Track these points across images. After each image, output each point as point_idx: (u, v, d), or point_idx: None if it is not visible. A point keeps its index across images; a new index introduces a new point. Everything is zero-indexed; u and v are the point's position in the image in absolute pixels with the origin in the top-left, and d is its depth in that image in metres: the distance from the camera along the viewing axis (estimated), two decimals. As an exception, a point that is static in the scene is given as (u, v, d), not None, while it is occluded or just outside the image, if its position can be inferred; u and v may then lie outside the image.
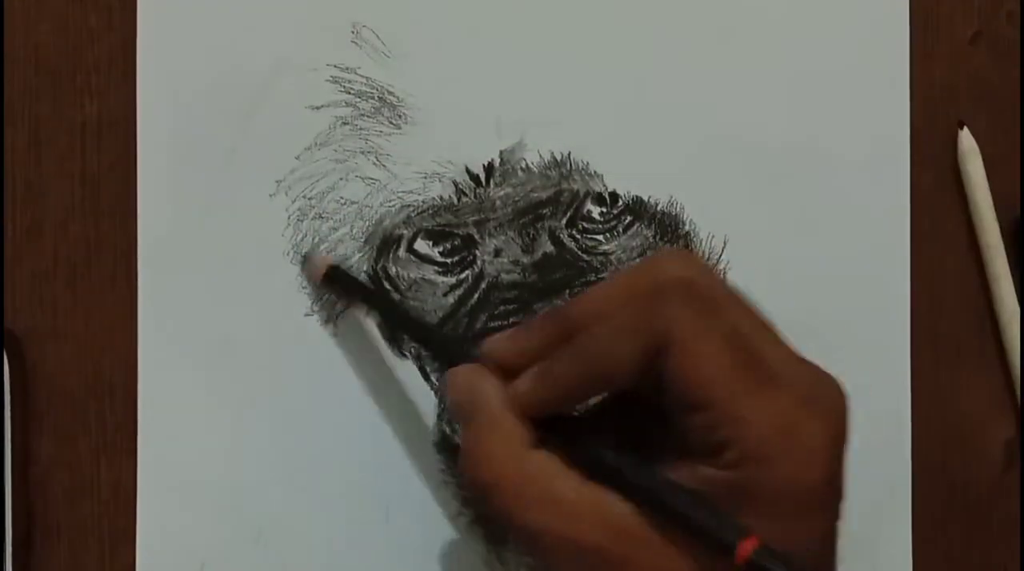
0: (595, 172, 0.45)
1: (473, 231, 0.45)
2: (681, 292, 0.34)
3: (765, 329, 0.35)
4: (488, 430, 0.36)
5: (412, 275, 0.45)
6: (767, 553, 0.31)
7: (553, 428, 0.36)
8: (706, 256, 0.45)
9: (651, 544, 0.33)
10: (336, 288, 0.44)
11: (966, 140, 0.45)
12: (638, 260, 0.45)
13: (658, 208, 0.45)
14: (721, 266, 0.45)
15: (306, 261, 0.45)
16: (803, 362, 0.35)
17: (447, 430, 0.45)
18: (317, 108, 0.45)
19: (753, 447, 0.33)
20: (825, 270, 0.45)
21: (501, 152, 0.45)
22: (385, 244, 0.45)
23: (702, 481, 0.33)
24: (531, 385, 0.36)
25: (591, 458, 0.35)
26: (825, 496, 0.34)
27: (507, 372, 0.37)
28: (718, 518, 0.33)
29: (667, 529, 0.33)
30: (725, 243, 0.45)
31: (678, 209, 0.45)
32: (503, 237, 0.45)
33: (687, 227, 0.45)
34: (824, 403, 0.34)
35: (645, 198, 0.45)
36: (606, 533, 0.33)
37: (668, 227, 0.45)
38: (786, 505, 0.33)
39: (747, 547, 0.32)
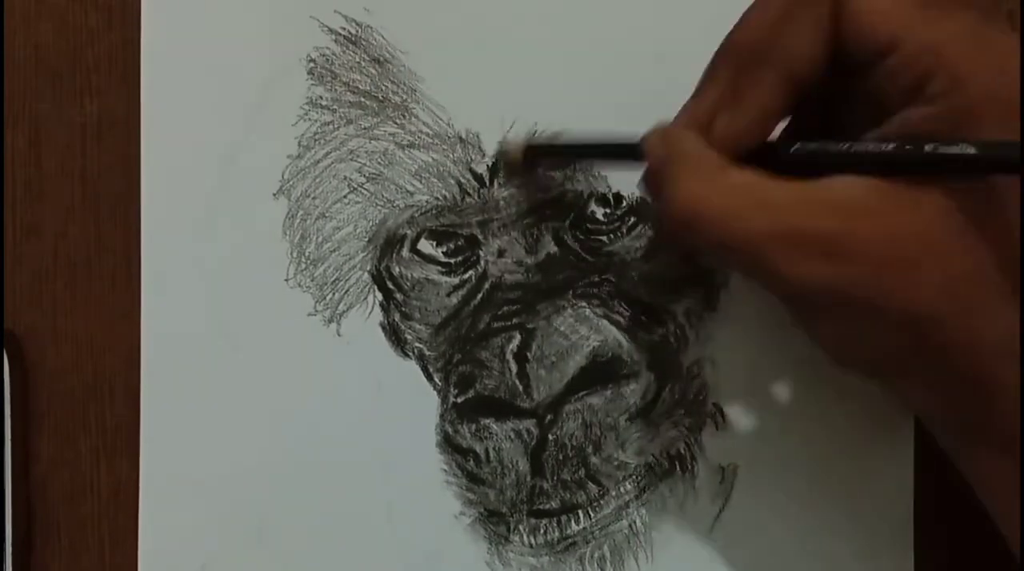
0: (599, 173, 0.45)
1: (477, 231, 0.45)
2: None
3: None
4: (683, 160, 0.35)
5: (415, 275, 0.45)
6: None
7: (756, 161, 0.35)
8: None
9: (881, 212, 0.32)
10: (543, 163, 0.44)
11: None
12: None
13: (662, 209, 0.45)
14: (724, 267, 0.45)
15: (502, 153, 0.44)
16: None
17: (449, 430, 0.45)
18: (320, 107, 0.45)
19: (953, 65, 0.32)
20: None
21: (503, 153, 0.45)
22: (388, 244, 0.45)
23: (915, 125, 0.32)
24: (728, 122, 0.35)
25: (800, 157, 0.34)
26: None
27: (704, 130, 0.36)
28: (981, 145, 0.31)
29: (894, 190, 0.32)
30: (728, 244, 0.45)
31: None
32: (507, 237, 0.45)
33: (691, 228, 0.45)
34: (999, 13, 0.34)
35: (649, 199, 0.45)
36: (830, 216, 0.32)
37: (671, 228, 0.45)
38: (1000, 113, 0.32)
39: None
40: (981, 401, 0.33)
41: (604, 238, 0.45)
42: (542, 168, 0.44)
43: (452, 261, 0.45)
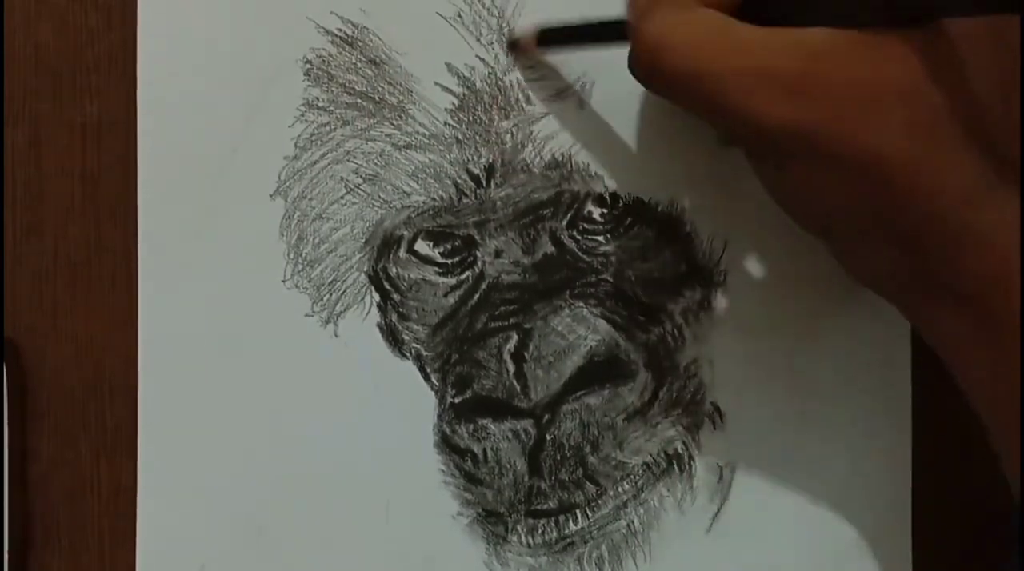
0: (596, 173, 0.45)
1: (473, 232, 0.45)
2: None
3: None
4: (662, 2, 0.35)
5: (412, 276, 0.45)
6: None
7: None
8: (706, 257, 0.45)
9: (849, 58, 0.32)
10: (555, 47, 0.44)
11: None
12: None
13: (659, 209, 0.45)
14: (721, 267, 0.45)
15: (514, 45, 0.44)
16: None
17: (447, 430, 0.45)
18: (317, 108, 0.45)
19: None
20: (825, 270, 0.45)
21: (502, 152, 0.45)
22: (385, 245, 0.45)
23: None
24: None
25: (772, 7, 0.34)
26: None
27: None
28: None
29: (860, 38, 0.32)
30: (725, 244, 0.45)
31: (678, 210, 0.45)
32: (504, 238, 0.45)
33: (688, 228, 0.45)
34: None
35: (646, 199, 0.45)
36: (796, 57, 0.32)
37: (668, 228, 0.45)
38: None
39: None
40: (941, 250, 0.33)
41: (601, 238, 0.45)
42: (553, 53, 0.44)
43: (449, 262, 0.45)
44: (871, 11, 0.32)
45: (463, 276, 0.45)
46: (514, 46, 0.45)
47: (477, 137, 0.44)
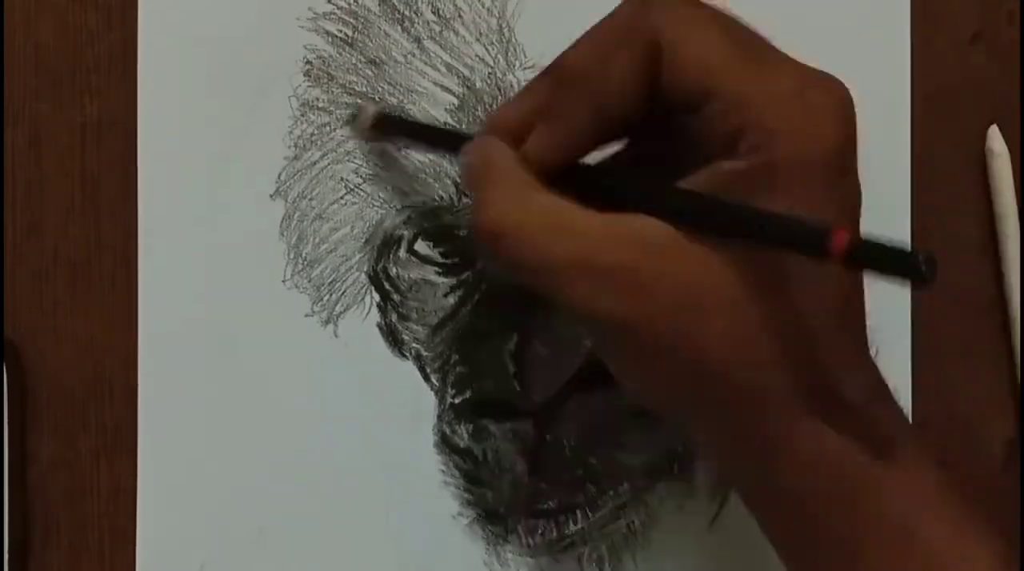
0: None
1: (473, 232, 0.45)
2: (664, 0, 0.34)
3: (752, 29, 0.34)
4: (494, 177, 0.35)
5: (413, 276, 0.45)
6: (866, 242, 0.29)
7: (566, 184, 0.35)
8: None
9: (677, 254, 0.32)
10: (387, 135, 0.44)
11: (996, 142, 0.45)
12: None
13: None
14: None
15: (354, 118, 0.45)
16: (791, 57, 0.34)
17: (447, 430, 0.45)
18: (317, 108, 0.45)
19: (766, 123, 0.32)
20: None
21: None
22: (385, 245, 0.45)
23: (722, 178, 0.32)
24: (539, 138, 0.35)
25: (609, 188, 0.34)
26: (841, 162, 0.33)
27: (517, 141, 0.36)
28: (785, 220, 0.31)
29: (690, 240, 0.32)
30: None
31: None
32: (503, 238, 0.45)
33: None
34: (827, 81, 0.34)
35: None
36: (627, 249, 0.32)
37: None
38: (803, 177, 0.32)
39: (841, 238, 0.29)
40: (760, 458, 0.33)
41: (600, 238, 0.45)
42: (387, 140, 0.44)
43: (449, 262, 0.45)
44: (698, 211, 0.32)
45: (463, 276, 0.45)
46: (351, 122, 0.45)
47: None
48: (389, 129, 0.44)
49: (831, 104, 0.33)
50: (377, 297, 0.45)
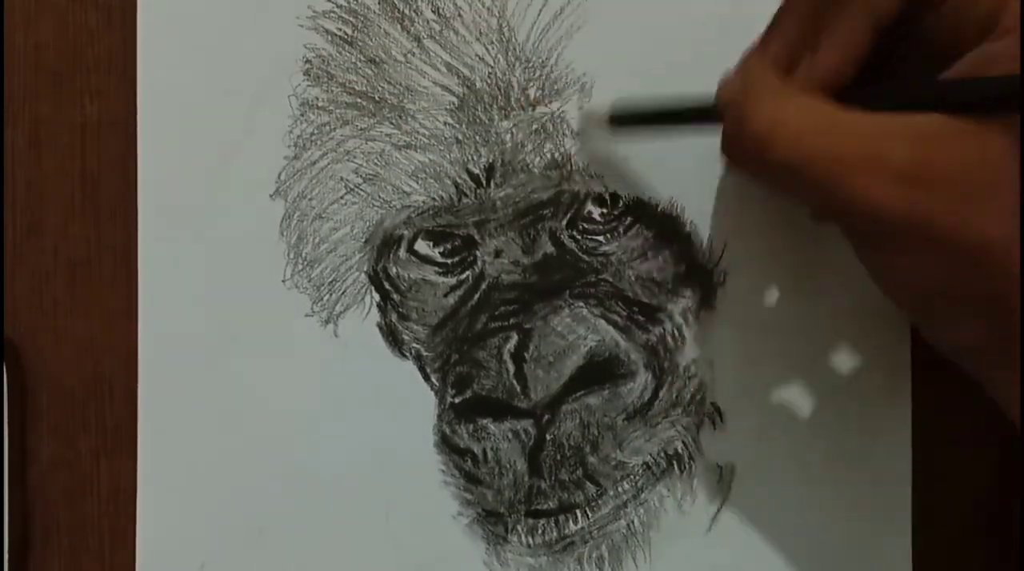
0: (595, 173, 0.45)
1: (473, 232, 0.45)
2: None
3: None
4: (759, 88, 0.35)
5: (412, 276, 0.45)
6: None
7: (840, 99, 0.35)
8: (706, 257, 0.45)
9: (956, 141, 0.32)
10: (628, 127, 0.43)
11: None
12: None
13: (658, 209, 0.45)
14: (721, 267, 0.45)
15: (586, 119, 0.44)
16: None
17: (447, 430, 0.45)
18: (317, 108, 0.45)
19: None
20: (824, 270, 0.45)
21: (502, 152, 0.45)
22: (385, 244, 0.45)
23: (986, 63, 0.32)
24: (810, 65, 0.35)
25: (875, 95, 0.34)
26: None
27: (783, 71, 0.36)
28: None
29: (967, 125, 0.32)
30: (725, 244, 0.45)
31: (678, 210, 0.45)
32: (503, 238, 0.45)
33: (687, 228, 0.45)
34: None
35: (645, 199, 0.45)
36: (906, 143, 0.32)
37: (668, 228, 0.45)
38: None
39: None
40: None
41: (601, 238, 0.45)
42: (624, 135, 0.44)
43: (449, 261, 0.45)
44: (973, 99, 0.32)
45: (463, 276, 0.45)
46: (585, 124, 0.44)
47: (477, 137, 0.44)
48: (628, 120, 0.43)
49: None
50: (377, 297, 0.45)
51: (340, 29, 0.45)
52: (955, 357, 0.38)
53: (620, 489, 0.45)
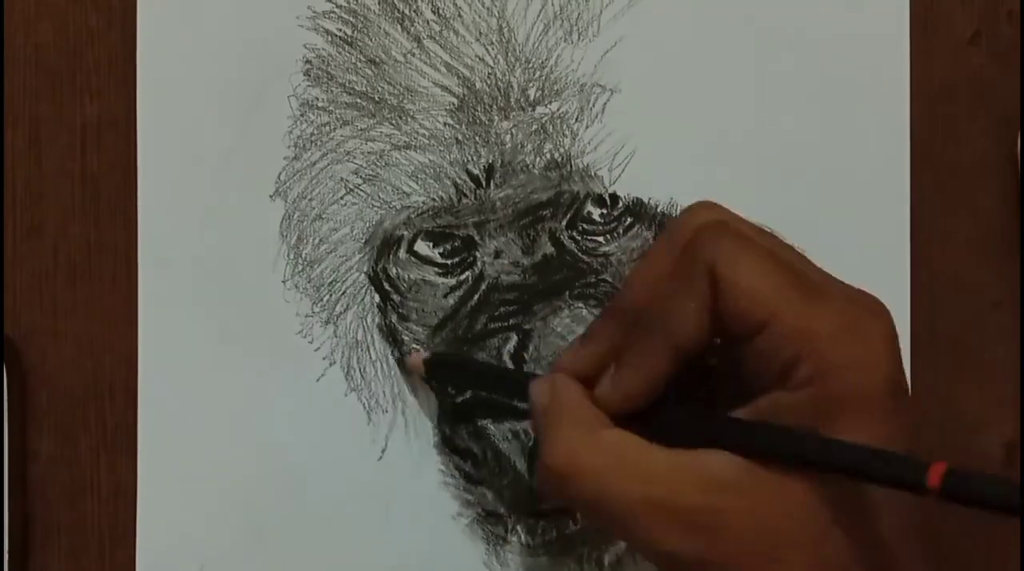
0: (595, 173, 0.45)
1: (473, 232, 0.45)
2: (716, 229, 0.34)
3: (797, 253, 0.35)
4: (565, 414, 0.35)
5: (412, 276, 0.45)
6: (962, 474, 0.29)
7: (630, 418, 0.35)
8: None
9: (751, 490, 0.32)
10: (441, 378, 0.45)
11: None
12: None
13: (658, 210, 0.45)
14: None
15: (403, 363, 0.45)
16: (837, 279, 0.35)
17: (447, 430, 0.45)
18: (317, 108, 0.45)
19: (820, 354, 0.32)
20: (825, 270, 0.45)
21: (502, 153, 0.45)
22: (385, 245, 0.45)
23: (782, 408, 0.32)
24: (617, 383, 0.35)
25: (676, 423, 0.34)
26: (897, 390, 0.32)
27: (586, 384, 0.36)
28: (878, 454, 0.30)
29: (765, 474, 0.32)
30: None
31: (678, 210, 0.45)
32: (503, 238, 0.45)
33: (687, 228, 0.45)
34: (871, 304, 0.33)
35: (645, 200, 0.45)
36: (699, 488, 0.32)
37: (668, 228, 0.45)
38: (866, 408, 0.32)
39: (937, 471, 0.29)
40: None
41: (600, 239, 0.45)
42: (443, 382, 0.45)
43: (449, 262, 0.45)
44: (777, 445, 0.32)
45: (463, 277, 0.45)
46: (401, 365, 0.45)
47: (477, 137, 0.44)
48: (442, 373, 0.44)
49: (881, 332, 0.33)
50: (377, 297, 0.45)
51: (340, 29, 0.45)
52: None
53: (620, 489, 0.45)
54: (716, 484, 0.32)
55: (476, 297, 0.45)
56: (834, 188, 0.46)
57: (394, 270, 0.45)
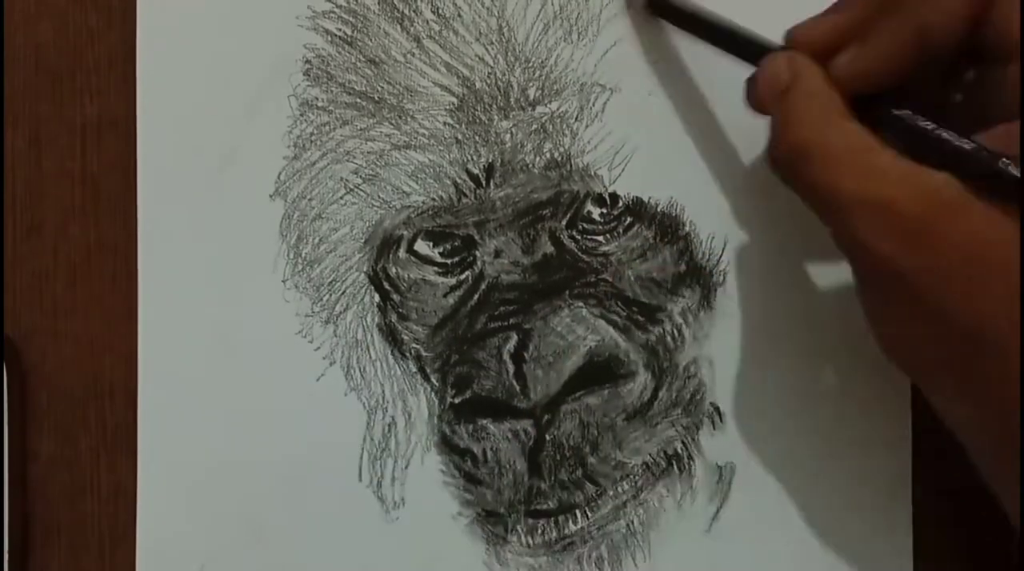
0: (595, 173, 0.45)
1: (473, 232, 0.45)
2: None
3: None
4: (805, 97, 0.34)
5: (412, 276, 0.45)
6: None
7: (868, 111, 0.35)
8: (706, 257, 0.45)
9: (968, 212, 0.32)
10: (665, 15, 0.43)
11: None
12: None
13: (658, 209, 0.45)
14: (721, 267, 0.45)
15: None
16: None
17: (447, 430, 0.45)
18: (316, 108, 0.45)
19: None
20: (825, 270, 0.45)
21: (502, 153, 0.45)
22: (385, 245, 0.45)
23: (1013, 142, 0.32)
24: (852, 58, 0.35)
25: (911, 132, 0.34)
26: None
27: (822, 59, 0.35)
28: None
29: (982, 205, 0.32)
30: (725, 243, 0.45)
31: (678, 210, 0.45)
32: (503, 238, 0.45)
33: (687, 228, 0.45)
34: None
35: (645, 199, 0.45)
36: (921, 201, 0.32)
37: (668, 228, 0.45)
38: None
39: None
40: (1010, 431, 0.33)
41: (600, 238, 0.45)
42: (664, 19, 0.44)
43: (449, 262, 0.45)
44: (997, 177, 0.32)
45: (463, 276, 0.45)
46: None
47: (477, 137, 0.44)
48: (666, 11, 0.43)
49: None
50: (377, 297, 0.45)
51: (340, 29, 0.45)
52: (956, 434, 0.37)
53: (620, 489, 0.45)
54: (939, 200, 0.32)
55: (476, 296, 0.45)
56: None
57: (394, 270, 0.45)
